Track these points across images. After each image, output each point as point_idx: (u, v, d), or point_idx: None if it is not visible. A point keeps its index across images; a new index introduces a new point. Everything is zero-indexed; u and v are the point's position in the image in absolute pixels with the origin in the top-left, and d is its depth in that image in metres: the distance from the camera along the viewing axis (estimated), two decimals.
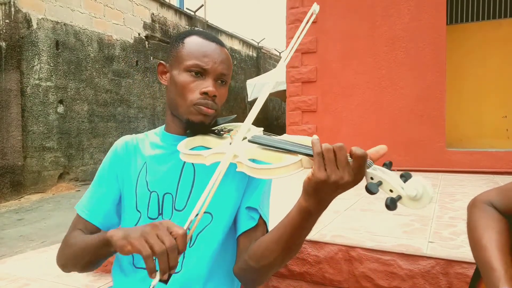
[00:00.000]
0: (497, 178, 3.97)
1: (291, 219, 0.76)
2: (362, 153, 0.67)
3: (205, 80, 0.93)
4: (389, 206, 0.65)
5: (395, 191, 0.66)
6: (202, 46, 0.95)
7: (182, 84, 0.93)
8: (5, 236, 4.46)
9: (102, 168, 1.05)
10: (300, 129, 5.25)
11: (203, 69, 0.93)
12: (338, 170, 0.68)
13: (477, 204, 0.99)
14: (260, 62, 14.92)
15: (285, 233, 0.77)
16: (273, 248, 0.80)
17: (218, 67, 0.94)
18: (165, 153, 0.99)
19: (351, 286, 1.79)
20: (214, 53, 0.95)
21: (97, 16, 8.08)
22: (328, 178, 0.67)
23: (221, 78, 0.96)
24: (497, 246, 0.87)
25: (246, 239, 0.92)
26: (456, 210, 2.44)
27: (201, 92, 0.92)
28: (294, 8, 5.30)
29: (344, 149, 0.69)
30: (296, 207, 0.75)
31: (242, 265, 0.88)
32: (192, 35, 0.98)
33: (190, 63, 0.92)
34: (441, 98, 4.63)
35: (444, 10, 4.61)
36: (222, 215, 0.93)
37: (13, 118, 6.49)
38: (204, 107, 0.92)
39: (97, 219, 1.00)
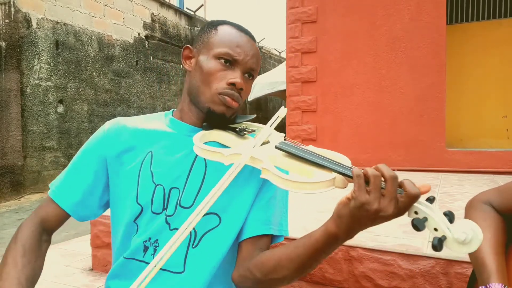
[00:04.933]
0: (497, 178, 3.97)
1: (314, 241, 0.71)
2: (417, 192, 0.61)
3: (234, 71, 0.89)
4: (436, 247, 0.60)
5: (440, 230, 0.62)
6: (236, 36, 0.91)
7: (210, 70, 0.88)
8: (5, 236, 4.46)
9: (86, 149, 0.94)
10: (300, 129, 5.25)
11: (234, 59, 0.89)
12: (383, 199, 0.62)
13: (474, 204, 1.00)
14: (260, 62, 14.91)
15: (304, 253, 0.73)
16: (286, 265, 0.76)
17: (249, 60, 0.90)
18: (175, 143, 0.91)
19: (351, 286, 1.79)
20: (246, 46, 0.91)
21: (97, 16, 8.08)
22: (371, 204, 0.62)
23: (250, 72, 0.92)
24: (492, 244, 0.88)
25: (250, 245, 0.87)
26: (456, 210, 2.43)
27: (228, 83, 0.87)
28: (294, 8, 5.30)
29: (396, 179, 0.62)
30: (322, 230, 0.70)
31: (245, 273, 0.83)
32: (226, 24, 0.94)
33: (221, 51, 0.88)
34: (441, 98, 4.63)
35: (444, 10, 4.61)
36: (231, 219, 0.87)
37: (13, 118, 6.49)
38: (229, 97, 0.87)
39: (67, 203, 0.91)
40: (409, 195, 0.61)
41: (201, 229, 0.87)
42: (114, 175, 0.93)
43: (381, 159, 4.81)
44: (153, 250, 0.86)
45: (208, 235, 0.87)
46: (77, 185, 0.92)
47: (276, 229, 0.88)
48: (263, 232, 0.87)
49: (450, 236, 0.61)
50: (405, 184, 0.62)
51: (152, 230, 0.87)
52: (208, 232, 0.87)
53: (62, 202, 0.91)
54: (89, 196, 0.93)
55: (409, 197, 0.61)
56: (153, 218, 0.88)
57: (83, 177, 0.92)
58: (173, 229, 0.86)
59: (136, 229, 0.89)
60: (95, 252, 2.65)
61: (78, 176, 0.93)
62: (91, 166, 0.92)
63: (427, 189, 0.64)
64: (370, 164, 4.81)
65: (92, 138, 0.95)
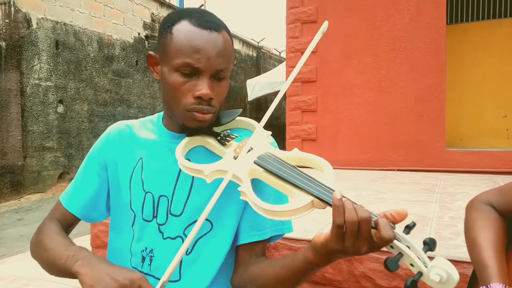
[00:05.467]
0: (497, 178, 3.97)
1: (296, 266, 0.71)
2: (390, 237, 0.59)
3: (199, 80, 0.79)
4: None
5: (416, 267, 0.60)
6: (192, 38, 0.78)
7: (173, 86, 0.80)
8: (5, 236, 4.45)
9: (91, 155, 0.97)
10: (300, 129, 5.25)
11: (195, 68, 0.78)
12: (357, 242, 0.61)
13: (475, 204, 1.00)
14: (260, 62, 14.92)
15: (290, 275, 0.74)
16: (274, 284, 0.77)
17: (213, 63, 0.79)
18: (161, 151, 0.90)
19: (351, 286, 1.79)
20: (207, 46, 0.78)
21: (97, 16, 8.08)
22: (345, 250, 0.62)
23: (219, 74, 0.81)
24: (492, 244, 0.88)
25: (245, 252, 0.87)
26: (456, 210, 2.44)
27: (195, 96, 0.79)
28: (294, 8, 5.30)
29: (370, 222, 0.61)
30: (302, 259, 0.70)
31: (241, 283, 0.85)
32: (182, 20, 0.81)
33: (179, 62, 0.78)
34: (441, 98, 4.63)
35: (444, 10, 4.61)
36: (222, 224, 0.86)
37: (13, 118, 6.49)
38: (199, 113, 0.80)
39: (75, 208, 0.94)
40: (383, 239, 0.59)
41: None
42: (112, 180, 0.94)
43: (381, 159, 4.81)
44: (149, 260, 0.87)
45: (200, 241, 0.86)
46: (84, 190, 0.95)
47: (272, 230, 0.87)
48: (255, 239, 0.86)
49: (426, 273, 0.59)
50: (380, 226, 0.60)
51: (147, 239, 0.88)
52: (201, 238, 0.86)
53: (70, 207, 0.95)
54: (96, 200, 0.95)
55: (383, 240, 0.60)
56: (145, 225, 0.89)
57: (89, 182, 0.95)
58: (166, 238, 0.87)
59: (133, 235, 0.91)
60: (95, 252, 2.65)
61: (85, 181, 0.95)
62: (96, 171, 0.95)
63: (403, 217, 0.63)
64: (370, 164, 4.80)
65: (95, 144, 0.98)
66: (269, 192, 0.86)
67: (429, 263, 0.60)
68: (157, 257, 0.87)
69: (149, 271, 0.87)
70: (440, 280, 0.58)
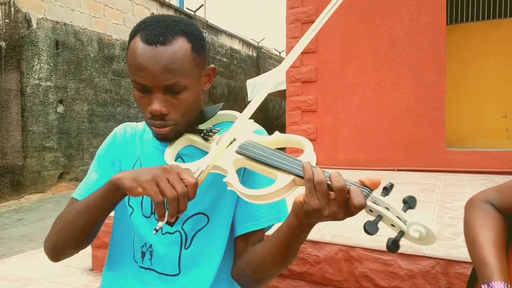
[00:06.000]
0: (497, 178, 3.97)
1: (283, 235, 0.74)
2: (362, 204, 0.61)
3: (152, 95, 0.80)
4: (390, 249, 0.59)
5: (397, 227, 0.61)
6: (137, 56, 0.78)
7: (135, 99, 0.84)
8: (5, 236, 4.46)
9: (100, 153, 1.00)
10: (300, 129, 5.25)
11: (144, 86, 0.79)
12: (332, 205, 0.63)
13: (474, 202, 1.00)
14: (260, 62, 14.92)
15: (279, 247, 0.76)
16: (269, 260, 0.79)
17: (159, 80, 0.78)
18: (155, 152, 0.93)
19: (351, 286, 1.79)
20: (150, 63, 0.77)
21: (97, 16, 8.08)
22: (321, 210, 0.63)
23: (171, 89, 0.80)
24: (493, 243, 0.88)
25: (242, 242, 0.88)
26: (456, 210, 2.44)
27: (148, 111, 0.81)
28: (294, 8, 5.30)
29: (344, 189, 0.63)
30: (286, 226, 0.73)
31: (239, 272, 0.86)
32: (137, 34, 0.81)
33: (132, 79, 0.81)
34: (441, 98, 4.63)
35: (444, 10, 4.61)
36: (218, 217, 0.88)
37: (13, 118, 6.49)
38: (154, 127, 0.83)
39: None
40: (355, 205, 0.61)
41: (191, 230, 0.88)
42: None
43: (381, 159, 4.81)
44: (149, 255, 0.90)
45: (198, 235, 0.88)
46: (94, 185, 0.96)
47: (269, 219, 0.88)
48: (250, 229, 0.87)
49: (406, 230, 0.60)
50: (351, 194, 0.62)
51: (146, 235, 0.90)
52: (198, 232, 0.88)
53: None
54: None
55: (355, 207, 0.61)
56: (144, 221, 0.91)
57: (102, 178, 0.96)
58: (165, 233, 0.89)
59: (133, 230, 0.93)
60: (95, 252, 2.65)
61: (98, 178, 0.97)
62: (108, 168, 0.97)
63: (376, 186, 0.65)
64: (370, 164, 4.81)
65: (104, 143, 1.01)
66: (263, 182, 0.87)
67: (409, 220, 0.60)
68: (156, 252, 0.89)
69: (150, 265, 0.90)
70: (420, 236, 0.59)
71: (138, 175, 0.72)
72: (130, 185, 0.71)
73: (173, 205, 0.67)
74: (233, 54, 13.07)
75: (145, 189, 0.70)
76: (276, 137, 0.81)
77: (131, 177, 0.73)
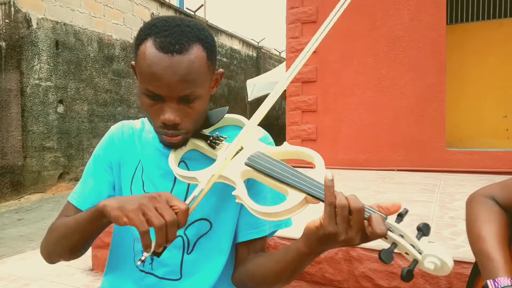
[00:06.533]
0: (497, 178, 3.97)
1: (290, 258, 0.72)
2: (383, 232, 0.60)
3: (165, 104, 0.77)
4: (405, 279, 0.59)
5: (411, 255, 0.61)
6: (151, 64, 0.74)
7: (144, 106, 0.80)
8: (5, 236, 4.45)
9: (96, 155, 0.97)
10: (300, 129, 5.25)
11: (157, 95, 0.76)
12: (350, 230, 0.62)
13: (477, 198, 0.98)
14: (260, 62, 14.92)
15: (285, 268, 0.75)
16: (272, 279, 0.78)
17: (175, 90, 0.75)
18: (156, 155, 0.91)
19: (351, 286, 1.79)
20: (167, 73, 0.73)
21: (97, 16, 8.08)
22: (338, 235, 0.62)
23: (186, 98, 0.77)
24: (497, 238, 0.87)
25: (244, 249, 0.88)
26: (456, 210, 2.44)
27: (161, 121, 0.78)
28: (294, 8, 5.30)
29: (362, 212, 0.61)
30: (295, 250, 0.71)
31: (240, 280, 0.86)
32: (149, 37, 0.76)
33: (144, 86, 0.77)
34: (441, 98, 4.63)
35: (444, 10, 4.61)
36: (222, 224, 0.88)
37: (13, 118, 6.49)
38: (166, 136, 0.80)
39: (85, 205, 0.94)
40: (375, 233, 0.60)
41: (193, 235, 0.88)
42: (116, 179, 0.96)
43: (381, 159, 4.81)
44: (150, 259, 0.89)
45: (201, 240, 0.88)
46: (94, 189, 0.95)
47: (270, 227, 0.88)
48: (253, 237, 0.87)
49: (420, 260, 0.60)
50: (373, 220, 0.60)
51: None
52: (201, 237, 0.88)
53: (79, 204, 0.95)
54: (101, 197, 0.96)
55: (375, 235, 0.60)
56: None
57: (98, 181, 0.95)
58: None
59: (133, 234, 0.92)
60: (95, 252, 2.65)
61: (94, 180, 0.95)
62: (104, 170, 0.95)
63: (396, 209, 0.63)
64: (370, 164, 4.81)
65: (100, 144, 0.99)
66: (266, 191, 0.86)
67: (423, 250, 0.60)
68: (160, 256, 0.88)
69: (150, 270, 0.89)
70: (434, 267, 0.59)
71: (124, 204, 0.69)
72: (115, 215, 0.69)
73: (160, 234, 0.65)
74: (233, 54, 13.07)
75: (131, 219, 0.67)
76: (286, 149, 0.79)
77: (117, 206, 0.70)
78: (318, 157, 0.73)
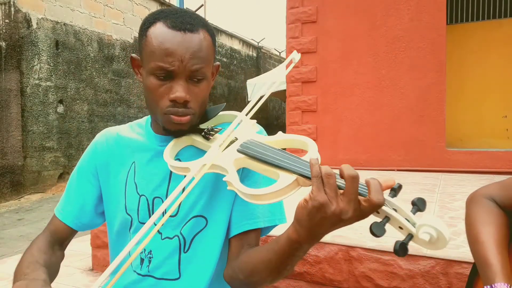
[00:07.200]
0: (497, 178, 3.96)
1: (280, 247, 0.70)
2: (380, 202, 0.56)
3: (174, 83, 0.79)
4: (397, 252, 0.56)
5: (405, 229, 0.58)
6: (164, 41, 0.78)
7: (150, 89, 0.81)
8: (5, 236, 4.46)
9: (81, 164, 0.98)
10: (300, 129, 5.25)
11: (169, 71, 0.78)
12: (342, 200, 0.59)
13: (476, 198, 0.98)
14: (260, 62, 14.92)
15: (275, 259, 0.72)
16: (262, 270, 0.76)
17: (187, 65, 0.78)
18: (151, 155, 0.91)
19: (351, 286, 1.79)
20: (180, 48, 0.77)
21: (97, 16, 8.08)
22: (328, 204, 0.58)
23: (195, 76, 0.80)
24: (495, 241, 0.86)
25: (238, 242, 0.86)
26: (456, 210, 2.44)
27: (170, 99, 0.79)
28: (294, 8, 5.30)
29: (357, 179, 0.58)
30: (285, 237, 0.68)
31: (232, 274, 0.84)
32: (158, 21, 0.80)
33: (153, 66, 0.79)
34: (441, 98, 4.63)
35: (444, 10, 4.61)
36: (217, 219, 0.87)
37: (13, 118, 6.49)
38: (175, 115, 0.80)
39: (68, 218, 0.95)
40: (372, 203, 0.57)
41: (190, 233, 0.87)
42: (104, 185, 0.96)
43: (381, 159, 4.81)
44: (148, 262, 0.89)
45: (197, 238, 0.87)
46: (73, 198, 0.96)
47: (264, 221, 0.86)
48: (247, 228, 0.85)
49: (415, 233, 0.57)
50: (371, 186, 0.58)
51: None
52: (197, 235, 0.87)
53: (62, 216, 0.96)
54: (85, 207, 0.96)
55: (372, 204, 0.57)
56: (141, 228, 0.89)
57: (82, 191, 0.96)
58: (164, 239, 0.88)
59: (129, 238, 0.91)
60: (95, 252, 2.65)
61: (78, 191, 0.97)
62: (88, 180, 0.96)
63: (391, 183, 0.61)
64: (370, 164, 4.81)
65: (85, 153, 0.99)
66: (260, 181, 0.86)
67: (418, 223, 0.57)
68: (156, 258, 0.88)
69: (147, 272, 0.88)
70: (430, 239, 0.55)
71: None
72: None
73: None
74: (233, 54, 13.07)
75: None
76: (279, 137, 0.78)
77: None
78: (311, 143, 0.72)
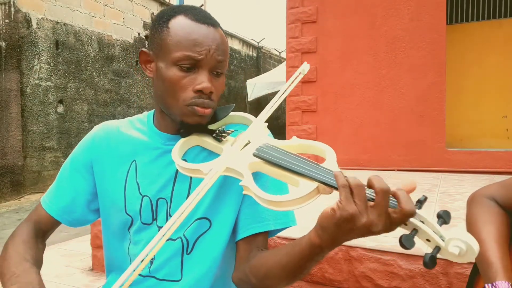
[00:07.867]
0: (497, 178, 3.96)
1: (299, 251, 0.68)
2: (413, 210, 0.55)
3: (199, 74, 0.78)
4: (427, 265, 0.55)
5: (433, 242, 0.57)
6: (191, 32, 0.78)
7: (172, 81, 0.78)
8: (5, 236, 4.45)
9: (74, 156, 0.94)
10: (300, 129, 5.25)
11: (196, 61, 0.77)
12: (372, 212, 0.57)
13: (477, 198, 0.98)
14: (260, 62, 14.92)
15: (292, 262, 0.70)
16: (278, 273, 0.73)
17: (213, 55, 0.78)
18: (155, 154, 0.88)
19: (351, 286, 1.79)
20: (207, 39, 0.78)
21: (97, 16, 8.08)
22: (359, 216, 0.56)
23: (217, 68, 0.80)
24: (496, 240, 0.87)
25: (246, 245, 0.84)
26: (456, 210, 2.44)
27: (195, 90, 0.78)
28: (294, 8, 5.29)
29: (388, 193, 0.56)
30: (306, 241, 0.66)
31: (242, 277, 0.82)
32: (178, 15, 0.80)
33: (179, 55, 0.77)
34: (441, 98, 4.63)
35: (444, 10, 4.61)
36: (221, 221, 0.85)
37: (13, 118, 6.49)
38: (200, 107, 0.79)
39: (55, 210, 0.92)
40: (404, 212, 0.56)
41: (193, 235, 0.86)
42: (99, 182, 0.92)
43: (381, 159, 4.81)
44: (150, 262, 0.87)
45: (200, 240, 0.86)
46: (63, 191, 0.93)
47: (273, 223, 0.85)
48: (255, 231, 0.84)
49: (444, 247, 0.56)
50: (400, 198, 0.56)
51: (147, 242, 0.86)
52: (200, 237, 0.86)
53: (49, 208, 0.93)
54: (76, 202, 0.93)
55: (404, 214, 0.56)
56: (144, 228, 0.87)
57: (72, 184, 0.93)
58: (167, 240, 0.86)
59: (129, 237, 0.90)
60: (95, 252, 2.65)
61: (68, 183, 0.93)
62: (80, 173, 0.93)
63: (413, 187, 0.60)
64: (370, 164, 4.81)
65: (80, 145, 0.95)
66: (267, 184, 0.84)
67: (446, 236, 0.56)
68: (158, 259, 0.86)
69: (148, 273, 0.87)
70: (459, 252, 0.55)
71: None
72: None
73: None
74: (233, 54, 13.07)
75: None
76: (295, 142, 0.76)
77: None
78: (329, 150, 0.71)
